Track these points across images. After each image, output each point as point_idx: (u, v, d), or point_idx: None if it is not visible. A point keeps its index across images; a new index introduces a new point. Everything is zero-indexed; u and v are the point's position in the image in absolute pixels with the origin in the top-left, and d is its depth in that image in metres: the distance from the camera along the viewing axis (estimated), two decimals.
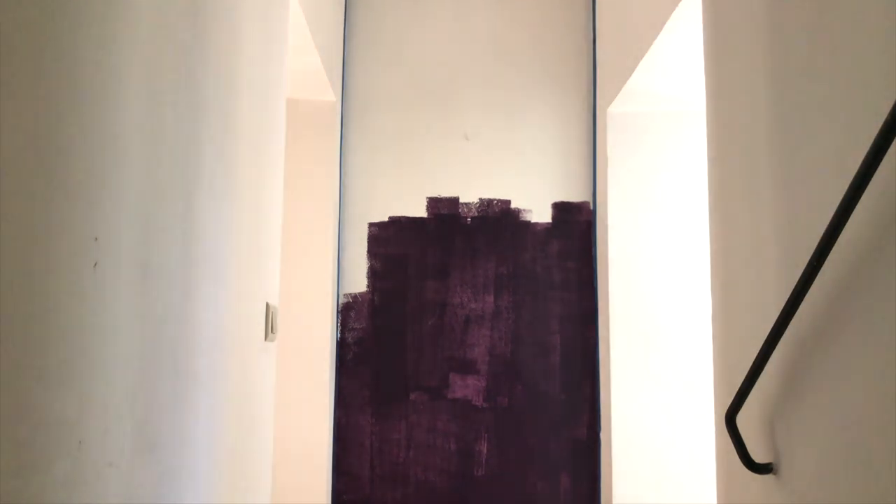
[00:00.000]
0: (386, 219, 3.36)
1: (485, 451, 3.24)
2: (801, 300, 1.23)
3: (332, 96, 3.13)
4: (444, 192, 3.37)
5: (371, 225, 3.35)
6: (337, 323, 3.29)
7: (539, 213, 3.37)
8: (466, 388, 3.27)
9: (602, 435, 3.20)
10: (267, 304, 1.94)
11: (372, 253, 3.34)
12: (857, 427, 1.13)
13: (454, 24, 3.46)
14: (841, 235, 1.12)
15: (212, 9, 1.47)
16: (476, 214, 3.36)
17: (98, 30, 0.98)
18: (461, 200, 3.37)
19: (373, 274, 3.33)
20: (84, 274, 0.95)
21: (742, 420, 1.48)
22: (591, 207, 3.37)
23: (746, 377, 1.42)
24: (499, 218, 3.36)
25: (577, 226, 3.37)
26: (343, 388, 3.27)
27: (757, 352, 1.38)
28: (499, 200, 3.37)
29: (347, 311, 3.31)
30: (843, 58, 1.19)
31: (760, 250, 1.49)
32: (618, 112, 3.12)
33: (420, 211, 3.36)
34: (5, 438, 0.78)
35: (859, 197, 1.06)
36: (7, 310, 0.78)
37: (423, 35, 3.45)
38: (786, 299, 1.27)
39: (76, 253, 0.93)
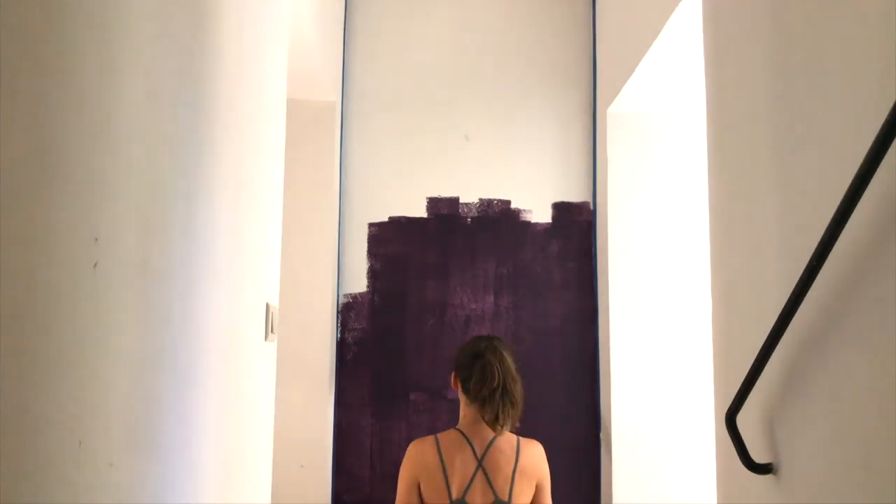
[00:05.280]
0: (386, 219, 3.36)
1: None
2: (801, 300, 1.23)
3: (332, 96, 3.13)
4: (444, 192, 3.37)
5: (371, 225, 3.35)
6: (337, 323, 3.29)
7: (539, 213, 3.37)
8: None
9: (602, 435, 3.20)
10: (267, 305, 1.94)
11: (372, 253, 3.34)
12: (858, 427, 1.13)
13: (454, 24, 3.46)
14: (841, 235, 1.12)
15: (212, 8, 1.47)
16: (476, 214, 3.36)
17: (98, 30, 0.98)
18: (461, 200, 3.37)
19: (373, 274, 3.33)
20: (84, 274, 0.95)
21: (742, 420, 1.48)
22: (591, 207, 3.37)
23: (746, 377, 1.42)
24: (499, 218, 3.36)
25: (577, 226, 3.37)
26: (343, 388, 3.27)
27: (757, 352, 1.38)
28: (499, 200, 3.37)
29: (347, 311, 3.31)
30: (844, 57, 1.19)
31: (760, 250, 1.49)
32: (618, 112, 3.12)
33: (420, 211, 3.36)
34: (5, 438, 0.78)
35: (859, 197, 1.06)
36: (7, 310, 0.78)
37: (423, 35, 3.45)
38: (786, 299, 1.27)
39: (76, 253, 0.93)
